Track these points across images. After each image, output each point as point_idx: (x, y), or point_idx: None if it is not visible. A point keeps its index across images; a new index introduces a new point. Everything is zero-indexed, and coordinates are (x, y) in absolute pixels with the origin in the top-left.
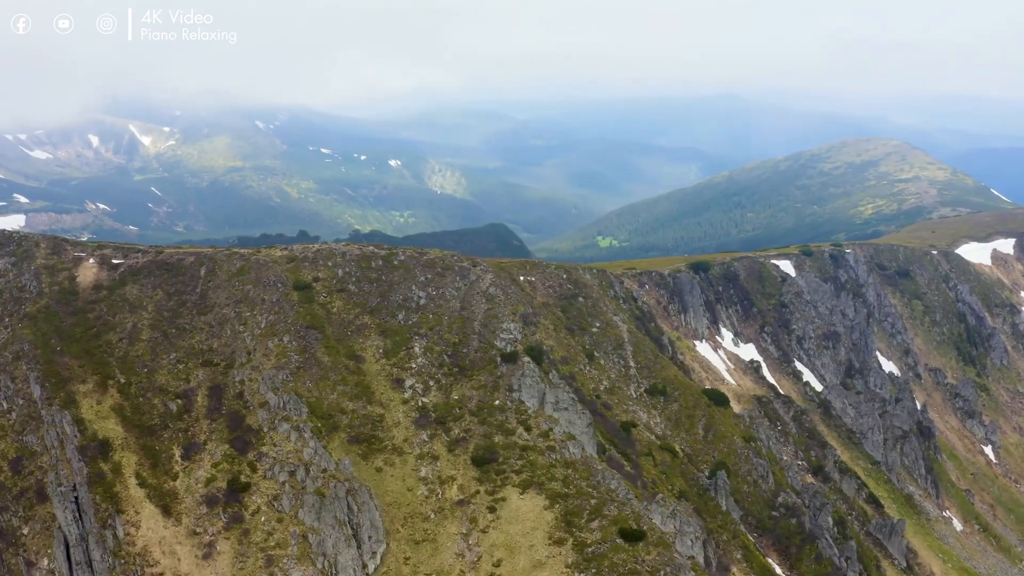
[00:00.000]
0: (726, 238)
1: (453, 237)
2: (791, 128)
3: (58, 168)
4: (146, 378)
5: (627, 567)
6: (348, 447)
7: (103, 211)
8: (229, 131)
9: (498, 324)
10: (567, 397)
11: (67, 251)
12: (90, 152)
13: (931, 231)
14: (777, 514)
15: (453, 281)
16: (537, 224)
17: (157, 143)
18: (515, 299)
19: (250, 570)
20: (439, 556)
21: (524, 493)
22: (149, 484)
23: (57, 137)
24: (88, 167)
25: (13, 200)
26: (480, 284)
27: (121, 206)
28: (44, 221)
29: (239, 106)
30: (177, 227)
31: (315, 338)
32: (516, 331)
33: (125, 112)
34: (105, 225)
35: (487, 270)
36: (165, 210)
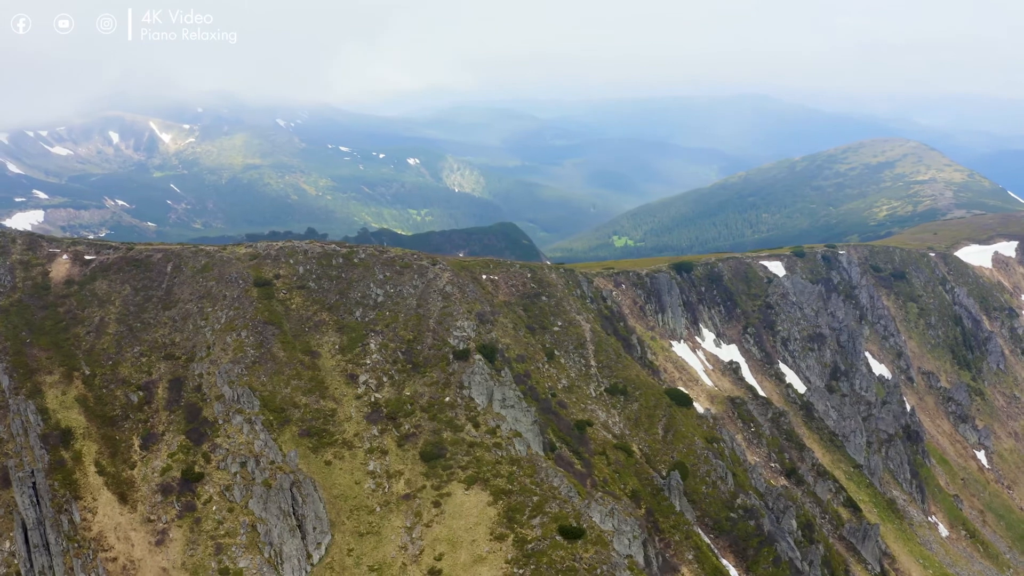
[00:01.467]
0: (740, 239)
1: (462, 236)
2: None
3: (78, 164)
4: (110, 370)
5: (565, 564)
6: (299, 440)
7: (122, 207)
8: (249, 129)
9: (452, 322)
10: (513, 395)
11: (42, 247)
12: (110, 149)
13: (933, 233)
14: (735, 515)
15: (411, 279)
16: (555, 223)
17: (177, 140)
18: (472, 297)
19: (200, 557)
20: (382, 548)
21: (469, 489)
22: (108, 472)
23: (78, 133)
24: (108, 163)
25: (32, 196)
26: (437, 282)
27: (140, 202)
28: (63, 217)
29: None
30: (195, 224)
31: (272, 334)
32: (470, 329)
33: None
34: (123, 221)
35: (445, 268)
36: (184, 207)
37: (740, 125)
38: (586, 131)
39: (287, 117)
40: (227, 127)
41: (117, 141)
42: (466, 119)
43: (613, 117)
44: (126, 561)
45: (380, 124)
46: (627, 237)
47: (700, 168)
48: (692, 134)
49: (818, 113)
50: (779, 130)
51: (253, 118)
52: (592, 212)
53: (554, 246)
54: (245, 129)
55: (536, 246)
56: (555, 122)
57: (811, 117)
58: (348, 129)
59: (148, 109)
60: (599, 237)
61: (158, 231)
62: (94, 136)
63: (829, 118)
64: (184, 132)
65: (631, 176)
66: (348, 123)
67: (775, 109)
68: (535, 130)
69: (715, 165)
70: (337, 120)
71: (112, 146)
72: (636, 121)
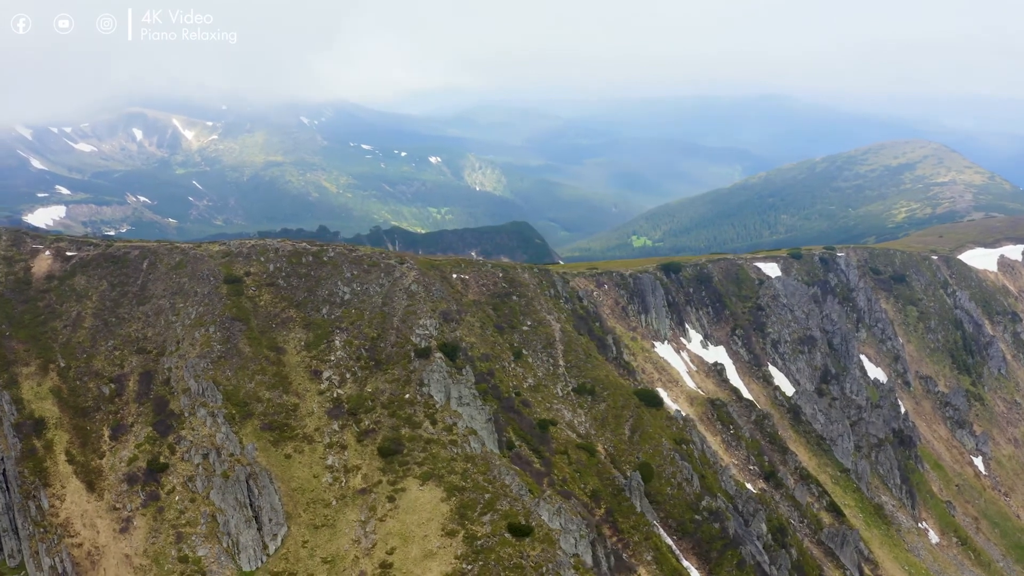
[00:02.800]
0: (758, 239)
1: (474, 235)
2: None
3: (102, 161)
4: (84, 363)
5: (512, 561)
6: (260, 434)
7: (143, 203)
8: (271, 126)
9: (416, 320)
10: (468, 393)
11: (26, 243)
12: (133, 145)
13: (939, 236)
14: (700, 517)
15: (378, 278)
16: (576, 223)
17: (200, 137)
18: (438, 296)
19: (161, 546)
20: (336, 541)
21: (424, 485)
22: (77, 461)
23: (102, 130)
24: (131, 160)
25: (55, 192)
26: (403, 281)
27: (161, 199)
28: (84, 213)
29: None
30: (216, 220)
31: (239, 330)
32: (432, 327)
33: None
34: (144, 217)
35: (412, 268)
36: (205, 203)
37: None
38: (610, 130)
39: (311, 115)
40: (249, 124)
41: (140, 138)
42: (489, 118)
43: (637, 117)
44: (91, 547)
45: (403, 122)
46: (646, 237)
47: (724, 168)
48: (716, 134)
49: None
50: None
51: (277, 116)
52: (614, 212)
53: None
54: (267, 126)
55: (549, 245)
56: (579, 121)
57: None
58: (371, 127)
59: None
60: (618, 237)
61: (179, 227)
62: (118, 133)
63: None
64: (207, 129)
65: (654, 176)
66: (372, 121)
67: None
68: (559, 129)
69: (739, 166)
70: (361, 118)
71: (135, 143)
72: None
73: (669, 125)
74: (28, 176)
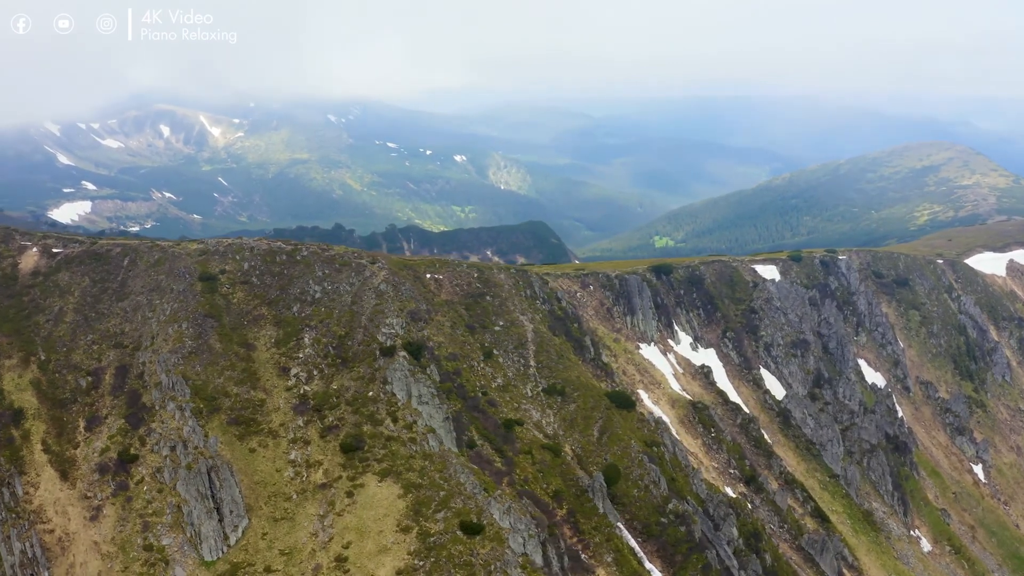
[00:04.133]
0: (780, 241)
1: (490, 233)
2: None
3: (128, 157)
4: (64, 356)
5: (462, 559)
6: (226, 428)
7: (168, 199)
8: (297, 124)
9: (383, 319)
10: (427, 391)
11: (15, 240)
12: (160, 142)
13: (948, 239)
14: (666, 520)
15: (348, 277)
16: (600, 222)
17: (226, 134)
18: (407, 296)
19: (128, 534)
20: (294, 534)
21: (382, 481)
22: (53, 451)
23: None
24: (158, 156)
25: (81, 187)
26: (373, 280)
27: (187, 195)
28: (110, 208)
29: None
30: (241, 217)
31: (211, 326)
32: (399, 326)
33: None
34: (169, 213)
35: (383, 267)
36: (230, 200)
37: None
38: (638, 130)
39: (338, 113)
40: (276, 122)
41: (167, 135)
42: (517, 117)
43: (666, 116)
44: (62, 534)
45: (430, 121)
46: (668, 238)
47: (751, 169)
48: (746, 134)
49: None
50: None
51: (304, 114)
52: (639, 211)
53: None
54: (294, 124)
55: (566, 245)
56: (608, 120)
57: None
58: (398, 125)
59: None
60: (640, 237)
61: (203, 223)
62: (145, 129)
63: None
64: (233, 126)
65: (681, 176)
66: (398, 119)
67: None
68: (587, 128)
69: (767, 166)
70: (388, 116)
71: (163, 139)
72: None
73: (697, 125)
74: (55, 172)
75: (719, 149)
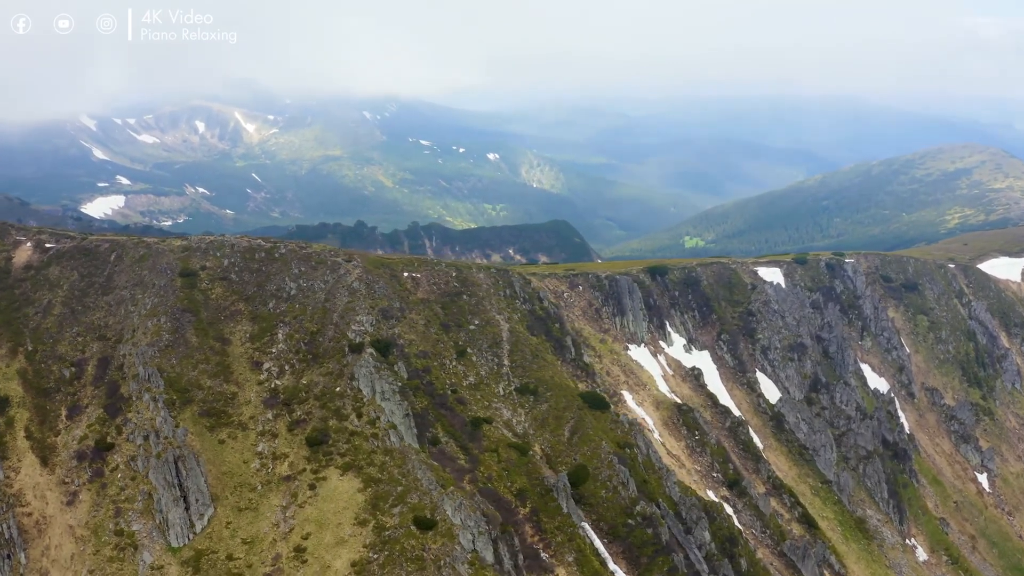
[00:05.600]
0: (809, 243)
1: (512, 232)
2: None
3: (164, 152)
4: (50, 347)
5: (414, 553)
6: (198, 419)
7: (201, 195)
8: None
9: (354, 316)
10: (389, 388)
11: (10, 235)
12: (195, 138)
13: (963, 244)
14: (633, 522)
15: (323, 274)
16: (633, 222)
17: (261, 130)
18: (380, 294)
19: (101, 519)
20: (257, 524)
21: (344, 475)
22: (35, 437)
23: (165, 122)
24: (192, 152)
25: (115, 182)
26: (347, 279)
27: (220, 190)
28: (143, 203)
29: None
30: (273, 213)
31: (188, 320)
32: (368, 324)
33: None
34: (202, 208)
35: (358, 265)
36: (262, 196)
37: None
38: (675, 129)
39: (374, 110)
40: (310, 118)
41: (203, 130)
42: (553, 116)
43: (703, 116)
44: (39, 517)
45: (465, 119)
46: (698, 238)
47: (788, 170)
48: (784, 135)
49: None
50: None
51: (340, 110)
52: (672, 212)
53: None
54: (328, 121)
55: (590, 244)
56: (645, 120)
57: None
58: (432, 123)
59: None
60: (670, 238)
61: (235, 219)
62: (180, 125)
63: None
64: (268, 123)
65: (717, 176)
66: (434, 116)
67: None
68: (624, 127)
69: (804, 167)
70: (424, 113)
71: (198, 135)
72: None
73: (735, 125)
74: (90, 166)
75: (757, 149)
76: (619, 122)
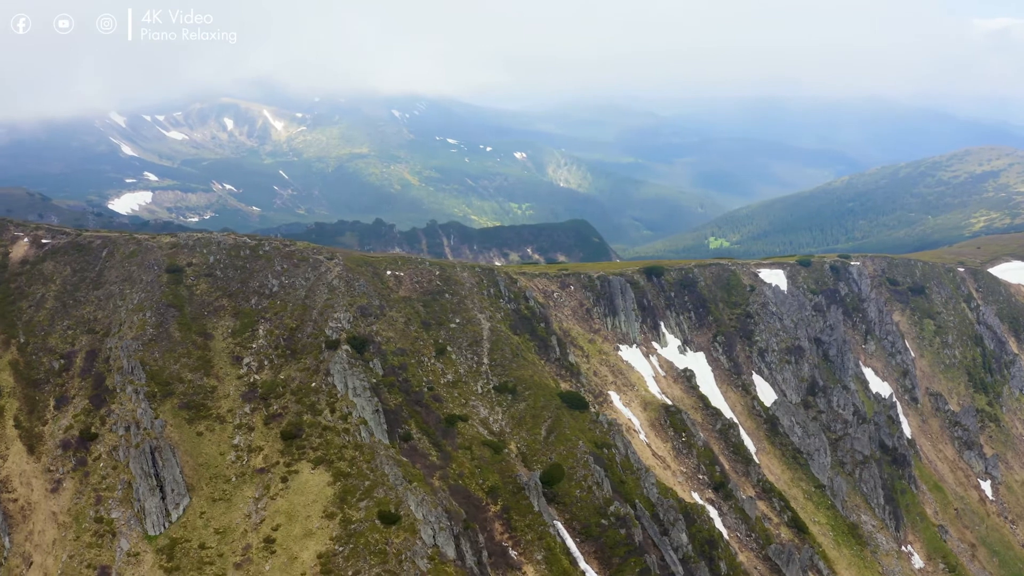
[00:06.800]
0: (834, 245)
1: (531, 231)
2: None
3: (192, 149)
4: (41, 339)
5: (378, 547)
6: (178, 411)
7: (228, 191)
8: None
9: (332, 313)
10: (360, 384)
11: (8, 230)
12: (224, 135)
13: (976, 247)
14: (606, 522)
15: (304, 272)
16: (659, 222)
17: (288, 128)
18: (359, 291)
19: (82, 506)
20: (230, 514)
21: (315, 468)
22: (23, 426)
23: (194, 119)
24: (221, 149)
25: (143, 178)
26: (327, 276)
27: (247, 187)
28: (170, 199)
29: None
30: (299, 210)
31: (172, 316)
32: (345, 321)
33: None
34: (228, 205)
35: (339, 263)
36: (289, 193)
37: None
38: (705, 129)
39: (403, 108)
40: (338, 116)
41: (231, 127)
42: (582, 115)
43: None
44: (24, 503)
45: (494, 117)
46: (723, 239)
47: (818, 171)
48: (814, 136)
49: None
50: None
51: (370, 108)
52: (700, 212)
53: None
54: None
55: (609, 244)
56: (675, 119)
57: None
58: (461, 121)
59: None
60: (695, 238)
61: (261, 215)
62: (209, 122)
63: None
64: (296, 120)
65: (746, 177)
66: (463, 115)
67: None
68: (653, 127)
69: (833, 168)
70: (453, 112)
71: (226, 132)
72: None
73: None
74: (118, 162)
75: (787, 150)
76: (649, 121)
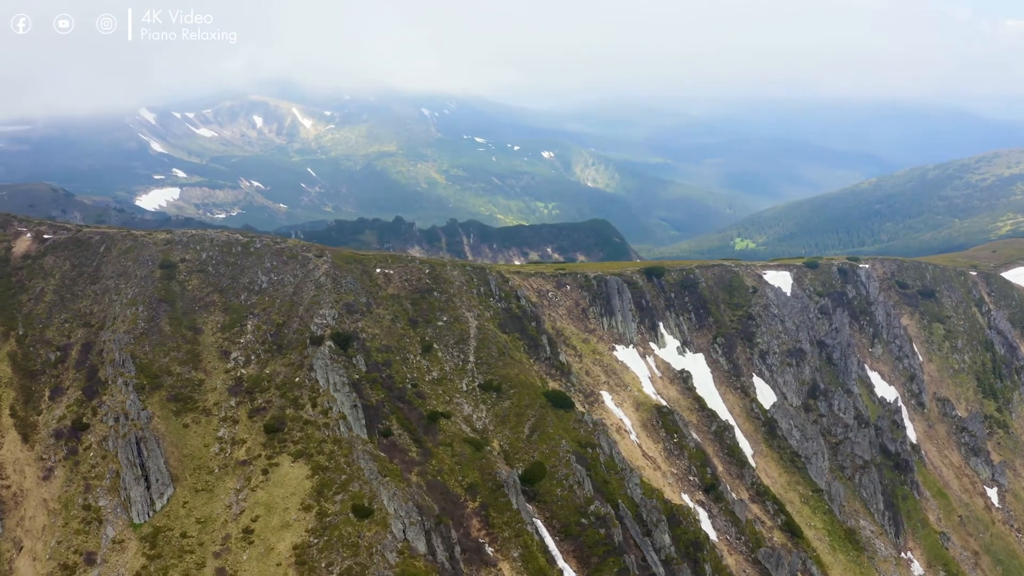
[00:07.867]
0: (859, 247)
1: (551, 231)
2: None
3: (221, 146)
4: (39, 332)
5: (351, 540)
6: (166, 404)
7: (256, 188)
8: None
9: (318, 310)
10: (339, 380)
11: (12, 226)
12: (253, 132)
13: (992, 251)
14: (586, 522)
15: (293, 269)
16: (687, 222)
17: (317, 126)
18: (346, 288)
19: (72, 494)
20: (211, 505)
21: (295, 462)
22: (19, 416)
23: (223, 116)
24: (250, 146)
25: (171, 174)
26: (315, 273)
27: (275, 184)
28: (198, 196)
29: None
30: (326, 207)
31: (164, 310)
32: (331, 317)
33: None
34: (255, 202)
35: (326, 261)
36: (316, 190)
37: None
38: (735, 129)
39: (432, 107)
40: (366, 115)
41: (260, 125)
42: (612, 114)
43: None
44: (17, 490)
45: (524, 116)
46: (749, 240)
47: (847, 172)
48: (846, 137)
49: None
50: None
51: (399, 107)
52: (728, 213)
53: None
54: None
55: (629, 244)
56: (705, 119)
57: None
58: (490, 120)
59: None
60: (721, 239)
61: (288, 212)
62: (239, 119)
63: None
64: (324, 119)
65: (775, 178)
66: (492, 114)
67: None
68: (683, 127)
69: (863, 170)
70: (482, 111)
71: (255, 129)
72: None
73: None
74: (147, 159)
75: (817, 152)
76: (679, 121)
